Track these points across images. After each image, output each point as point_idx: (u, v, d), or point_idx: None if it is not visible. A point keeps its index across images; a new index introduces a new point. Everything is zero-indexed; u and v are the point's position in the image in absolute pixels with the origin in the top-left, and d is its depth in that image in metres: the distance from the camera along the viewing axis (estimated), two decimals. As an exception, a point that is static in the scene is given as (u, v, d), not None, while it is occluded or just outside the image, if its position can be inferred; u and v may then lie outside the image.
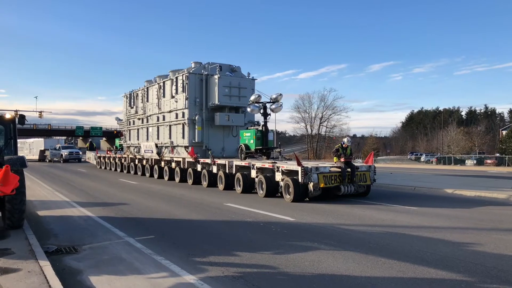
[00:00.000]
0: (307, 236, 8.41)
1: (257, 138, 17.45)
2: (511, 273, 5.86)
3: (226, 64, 21.23)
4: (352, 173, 13.52)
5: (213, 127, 20.68)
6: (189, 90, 20.24)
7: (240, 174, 15.83)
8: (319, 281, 5.65)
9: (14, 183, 6.42)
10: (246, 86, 20.61)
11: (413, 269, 6.07)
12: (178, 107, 21.23)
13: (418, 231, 8.80)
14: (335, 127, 77.80)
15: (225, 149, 21.04)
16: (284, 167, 13.73)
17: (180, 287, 5.46)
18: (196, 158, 19.11)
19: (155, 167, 23.43)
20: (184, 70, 21.21)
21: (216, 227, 9.61)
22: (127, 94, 29.26)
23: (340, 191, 13.21)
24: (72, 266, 6.44)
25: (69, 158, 47.63)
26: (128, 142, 29.41)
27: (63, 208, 12.60)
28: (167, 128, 22.64)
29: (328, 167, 13.55)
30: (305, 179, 12.67)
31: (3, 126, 9.92)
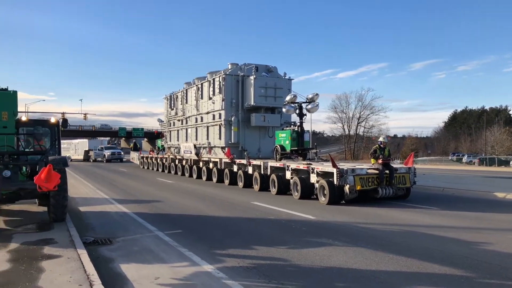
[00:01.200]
0: (324, 233, 8.83)
1: (293, 139, 17.15)
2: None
3: (263, 65, 21.25)
4: (391, 175, 13.14)
5: (249, 128, 20.72)
6: (225, 92, 20.42)
7: (275, 175, 15.72)
8: (326, 273, 6.10)
9: (56, 180, 7.24)
10: (282, 86, 20.50)
11: (418, 265, 6.40)
12: (215, 108, 21.54)
13: (433, 230, 9.02)
14: (373, 127, 76.76)
15: (261, 150, 20.99)
16: (319, 168, 13.48)
17: (199, 275, 6.06)
18: (232, 159, 19.18)
19: (194, 167, 23.98)
20: (221, 72, 21.44)
21: (240, 223, 10.20)
22: (167, 96, 30.01)
23: (378, 193, 12.89)
24: (105, 255, 7.20)
25: (112, 158, 49.56)
26: (168, 143, 30.10)
27: (102, 204, 13.61)
28: (205, 129, 23.02)
29: (365, 168, 13.20)
30: (341, 181, 12.42)
31: (48, 129, 10.95)
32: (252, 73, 20.07)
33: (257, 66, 20.49)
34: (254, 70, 20.09)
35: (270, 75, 20.84)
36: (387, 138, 14.01)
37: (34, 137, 10.06)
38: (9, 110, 8.58)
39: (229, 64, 22.02)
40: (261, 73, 20.57)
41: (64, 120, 10.92)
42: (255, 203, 13.48)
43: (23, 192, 8.68)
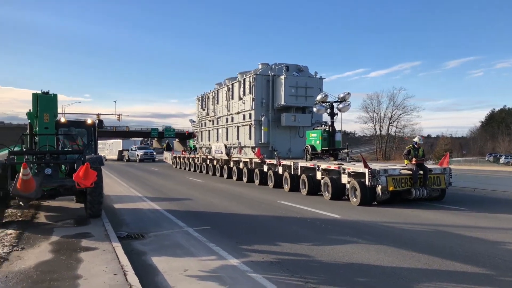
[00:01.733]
0: (348, 231, 8.98)
1: (324, 139, 16.88)
2: None
3: (293, 64, 21.08)
4: (425, 176, 12.86)
5: (279, 128, 20.65)
6: (255, 91, 20.42)
7: (305, 176, 15.58)
8: (347, 268, 6.29)
9: (93, 178, 7.71)
10: (313, 85, 20.17)
11: (439, 262, 6.48)
12: (245, 109, 21.56)
13: (459, 230, 9.01)
14: (406, 127, 75.30)
15: (291, 150, 20.82)
16: (350, 169, 13.28)
17: (225, 268, 6.37)
18: (262, 159, 19.13)
19: (225, 167, 24.16)
20: (251, 72, 21.37)
21: (266, 221, 10.47)
22: (199, 96, 30.32)
23: (411, 194, 12.58)
24: (138, 249, 7.62)
25: (144, 158, 50.62)
26: (200, 143, 30.46)
27: (136, 202, 14.18)
28: (235, 129, 23.06)
29: (398, 169, 12.91)
30: (373, 181, 12.22)
31: (85, 130, 11.57)
32: (282, 73, 20.01)
33: (287, 66, 20.34)
34: (285, 70, 20.02)
35: (300, 75, 20.63)
36: (422, 139, 13.65)
37: (72, 137, 10.67)
38: (50, 112, 9.19)
39: (260, 64, 22.01)
40: (291, 73, 20.44)
41: (100, 121, 11.53)
42: (283, 202, 13.71)
43: (62, 189, 9.24)
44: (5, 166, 8.57)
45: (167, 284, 5.68)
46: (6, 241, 7.59)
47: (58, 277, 5.49)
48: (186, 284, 5.67)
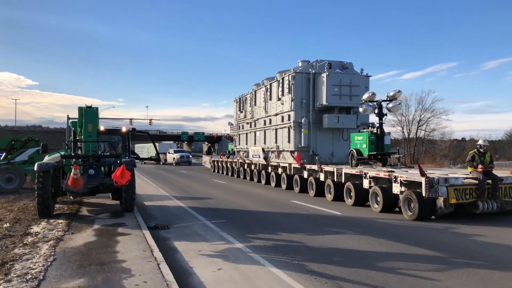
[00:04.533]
0: (342, 225, 10.41)
1: (371, 142, 15.29)
2: (485, 254, 7.36)
3: (337, 61, 19.48)
4: (494, 186, 11.06)
5: (321, 130, 19.17)
6: (295, 91, 19.09)
7: (351, 184, 14.01)
8: (329, 251, 7.75)
9: (128, 177, 9.45)
10: (359, 83, 18.58)
11: (407, 249, 7.86)
12: (284, 110, 20.30)
13: (443, 225, 10.25)
14: (435, 130, 75.05)
15: (334, 154, 19.41)
16: (403, 177, 11.71)
17: (231, 250, 7.94)
18: (302, 164, 17.64)
19: (262, 173, 23.07)
20: (290, 70, 20.03)
21: (274, 217, 12.00)
22: (237, 98, 29.32)
23: (478, 208, 10.82)
24: (164, 236, 9.31)
25: (180, 161, 50.88)
26: (238, 147, 29.50)
27: (163, 200, 16.00)
28: (273, 132, 21.87)
29: (461, 178, 11.19)
30: (431, 192, 10.53)
31: (121, 137, 13.46)
32: (324, 70, 18.51)
33: (330, 63, 18.81)
34: (327, 67, 18.51)
35: (344, 72, 19.07)
36: (487, 142, 12.04)
37: (110, 144, 12.57)
38: (93, 123, 11.09)
39: (300, 62, 20.60)
40: (334, 70, 18.87)
41: (133, 129, 13.38)
42: (293, 201, 15.18)
43: (102, 187, 11.10)
44: (58, 167, 10.51)
45: (184, 259, 7.31)
46: (59, 227, 9.43)
47: (101, 251, 7.21)
48: (198, 259, 7.28)
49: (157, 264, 6.41)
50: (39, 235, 8.66)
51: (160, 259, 6.67)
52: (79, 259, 6.72)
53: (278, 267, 6.69)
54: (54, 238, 8.30)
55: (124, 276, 5.80)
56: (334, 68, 19.01)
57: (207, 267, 6.79)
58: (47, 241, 8.05)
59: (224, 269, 6.66)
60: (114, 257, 6.85)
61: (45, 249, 7.41)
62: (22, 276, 5.77)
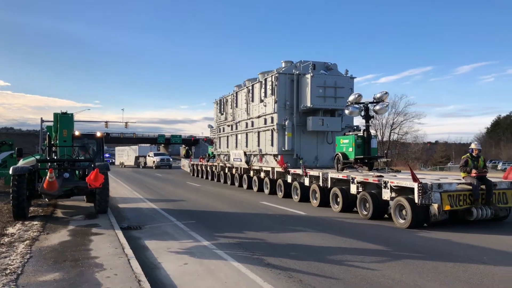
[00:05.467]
0: (304, 223, 11.20)
1: (357, 146, 14.78)
2: (424, 247, 8.26)
3: (321, 62, 18.90)
4: (488, 191, 10.70)
5: (305, 133, 18.54)
6: (278, 93, 18.45)
7: (338, 189, 13.50)
8: (287, 247, 8.49)
9: (102, 180, 9.98)
10: (344, 85, 18.12)
11: (358, 244, 8.67)
12: (267, 112, 19.64)
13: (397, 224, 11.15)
14: (407, 133, 77.32)
15: (318, 158, 18.78)
16: (393, 182, 11.17)
17: (197, 247, 8.59)
18: (286, 168, 17.19)
19: (244, 177, 22.39)
20: (273, 71, 19.44)
21: (243, 217, 12.69)
22: (217, 100, 28.51)
23: (472, 215, 10.43)
24: (135, 235, 9.87)
25: (161, 164, 50.02)
26: (218, 150, 28.58)
27: (137, 202, 16.49)
28: (256, 135, 21.09)
29: (455, 183, 10.77)
30: (424, 199, 10.09)
31: (95, 141, 13.92)
32: (308, 71, 17.98)
33: (314, 64, 18.36)
34: (311, 68, 18.01)
35: (329, 73, 18.57)
36: (480, 145, 11.72)
37: (84, 148, 13.04)
38: (68, 128, 11.56)
39: (283, 62, 20.01)
40: (319, 71, 18.36)
41: (107, 134, 13.85)
42: (263, 202, 15.90)
43: (76, 189, 11.59)
44: (33, 171, 10.95)
45: (153, 256, 7.92)
46: (34, 228, 9.88)
47: (75, 249, 7.75)
48: (166, 256, 7.90)
49: (128, 259, 7.01)
50: (15, 235, 9.11)
51: (130, 255, 7.27)
52: (54, 256, 7.26)
53: (239, 261, 7.39)
54: (29, 238, 8.78)
55: (96, 270, 6.39)
56: (318, 69, 18.50)
57: (174, 262, 7.43)
58: (23, 241, 8.53)
59: (190, 264, 7.32)
60: (87, 254, 7.41)
61: (22, 248, 7.90)
62: (1, 271, 6.29)
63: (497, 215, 10.95)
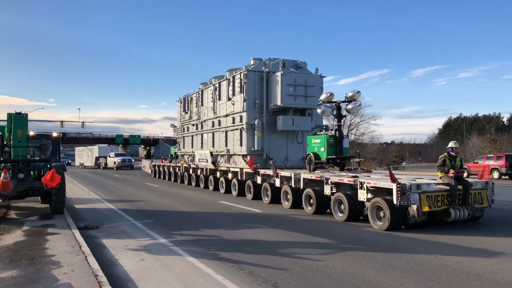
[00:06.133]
0: (259, 220, 11.70)
1: (330, 146, 14.50)
2: (368, 241, 8.96)
3: (290, 60, 18.75)
4: (465, 192, 10.60)
5: (275, 133, 18.15)
6: (247, 91, 17.94)
7: (311, 190, 13.10)
8: (242, 242, 8.94)
9: (58, 180, 10.04)
10: (314, 84, 17.88)
11: (308, 238, 9.27)
12: (235, 111, 19.01)
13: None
14: (364, 134, 79.94)
15: (288, 158, 18.46)
16: (370, 183, 10.88)
17: (154, 244, 8.87)
18: (256, 169, 16.73)
19: (210, 178, 21.61)
20: (242, 68, 18.89)
21: (200, 216, 13.03)
22: (181, 98, 27.77)
23: (450, 216, 10.28)
24: (92, 235, 10.00)
25: (122, 165, 48.82)
26: (182, 150, 27.72)
27: (95, 203, 16.45)
28: (223, 135, 20.45)
29: (433, 184, 10.55)
30: (402, 200, 9.82)
31: (51, 141, 13.82)
32: (279, 69, 17.60)
33: (284, 62, 18.01)
34: (281, 66, 17.66)
35: (299, 72, 18.41)
36: (457, 144, 11.46)
37: (40, 148, 12.94)
38: (22, 128, 11.47)
39: (252, 60, 19.56)
40: (288, 69, 18.12)
41: (63, 134, 13.79)
42: (221, 202, 16.26)
43: (31, 190, 11.53)
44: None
45: (110, 253, 8.14)
46: (-13, 230, 9.81)
47: (32, 249, 7.85)
48: (124, 253, 8.14)
49: (85, 257, 7.22)
50: (-32, 237, 9.03)
51: (87, 253, 7.48)
52: (10, 255, 7.35)
53: (194, 256, 7.75)
54: (-17, 239, 8.75)
55: (53, 267, 6.57)
56: (288, 67, 18.24)
57: (131, 259, 7.69)
58: (-23, 241, 8.50)
59: (147, 260, 7.61)
60: (44, 253, 7.54)
61: (-25, 248, 7.90)
62: (-45, 270, 6.35)
63: (473, 216, 10.88)
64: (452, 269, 6.81)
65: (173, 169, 28.38)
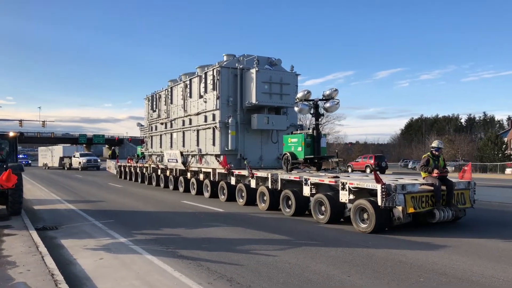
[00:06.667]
0: (221, 219, 11.93)
1: (307, 145, 14.12)
2: (322, 236, 9.38)
3: (264, 57, 18.27)
4: (449, 192, 10.39)
5: (249, 132, 17.64)
6: (220, 88, 17.33)
7: (289, 191, 12.61)
8: (201, 240, 9.15)
9: (14, 181, 9.89)
10: (289, 82, 17.48)
11: (266, 235, 9.60)
12: (208, 109, 18.32)
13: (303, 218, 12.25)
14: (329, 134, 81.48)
15: (263, 158, 18.00)
16: (353, 183, 10.47)
17: (114, 244, 8.93)
18: (230, 169, 16.09)
19: (180, 179, 20.76)
20: (215, 64, 18.24)
21: (162, 215, 13.12)
22: (149, 96, 26.86)
23: (434, 217, 10.04)
24: (51, 235, 9.93)
25: (88, 165, 47.26)
26: (150, 150, 26.89)
27: (54, 204, 16.18)
28: (194, 134, 19.74)
29: (417, 184, 10.27)
30: (387, 201, 9.49)
31: (8, 141, 13.50)
32: (253, 66, 17.14)
33: (258, 58, 17.58)
34: (256, 63, 17.21)
35: (274, 69, 18.03)
36: (442, 143, 11.17)
37: (-4, 148, 12.65)
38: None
39: (225, 56, 19.05)
40: (263, 66, 17.73)
41: (21, 134, 13.55)
42: (185, 202, 16.37)
43: (-14, 192, 11.25)
44: None
45: (69, 253, 8.16)
46: None
47: (-13, 250, 7.77)
48: (82, 253, 8.17)
49: (42, 257, 7.22)
50: None
51: (44, 253, 7.48)
52: (-36, 257, 7.25)
53: (153, 254, 7.89)
54: None
55: (9, 267, 6.57)
56: (262, 64, 17.79)
57: (90, 258, 7.74)
58: None
59: (105, 259, 7.69)
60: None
61: None
62: None
63: (456, 216, 10.70)
64: (398, 261, 7.29)
65: (140, 170, 27.41)
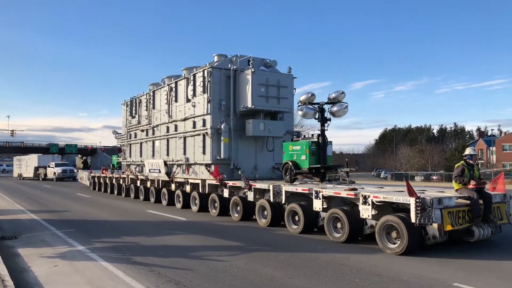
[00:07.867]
0: (182, 228, 12.23)
1: (312, 153, 12.77)
2: (278, 242, 9.79)
3: (259, 58, 16.73)
4: (487, 206, 9.12)
5: (242, 139, 15.97)
6: (212, 90, 15.65)
7: (297, 206, 11.18)
8: (158, 247, 9.44)
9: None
10: (287, 84, 16.09)
11: (221, 242, 9.99)
12: (196, 113, 16.54)
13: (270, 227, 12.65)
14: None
15: (257, 168, 16.33)
16: (377, 197, 9.06)
17: (71, 252, 9.11)
18: (222, 180, 14.55)
19: (163, 191, 18.93)
20: (206, 65, 16.43)
21: (125, 224, 13.31)
22: (127, 101, 24.48)
23: (473, 236, 8.76)
24: (9, 245, 9.99)
25: (63, 176, 45.74)
26: (128, 159, 24.46)
27: (17, 214, 16.10)
28: (181, 141, 17.89)
29: (454, 197, 8.97)
30: (423, 218, 8.18)
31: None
32: (248, 66, 15.67)
33: (252, 59, 15.95)
34: (251, 64, 15.71)
35: (270, 71, 16.60)
36: (475, 150, 10.03)
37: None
38: None
39: (215, 56, 17.36)
40: (259, 68, 16.23)
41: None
42: (150, 211, 16.52)
43: None
44: None
45: (24, 261, 8.31)
46: None
47: None
48: (38, 261, 8.33)
49: (-5, 264, 7.36)
50: None
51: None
52: None
53: (108, 261, 8.12)
54: None
55: (-41, 275, 6.70)
56: (257, 65, 16.27)
57: (44, 265, 7.92)
58: None
59: (60, 266, 7.88)
60: (-48, 262, 7.58)
61: None
62: None
63: (495, 233, 9.33)
64: (340, 264, 7.76)
65: (117, 181, 25.19)
